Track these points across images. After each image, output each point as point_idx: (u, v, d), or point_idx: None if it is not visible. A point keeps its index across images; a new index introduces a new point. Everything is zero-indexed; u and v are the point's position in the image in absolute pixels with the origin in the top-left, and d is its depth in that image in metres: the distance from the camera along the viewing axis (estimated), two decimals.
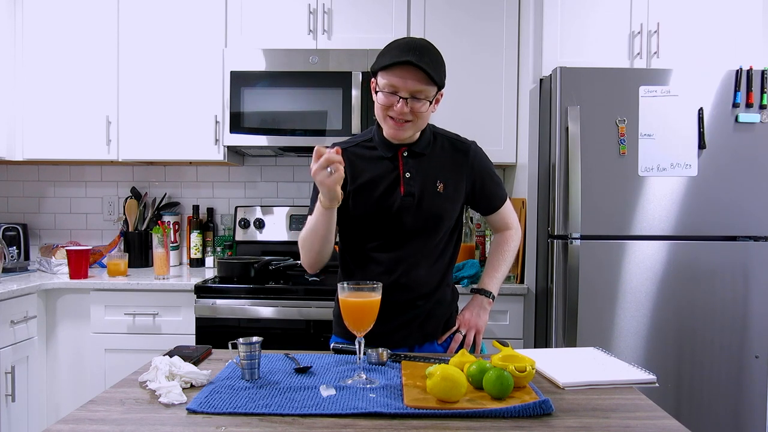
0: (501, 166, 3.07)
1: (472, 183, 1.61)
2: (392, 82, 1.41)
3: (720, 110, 2.33)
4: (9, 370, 2.31)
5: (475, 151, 1.63)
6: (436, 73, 1.41)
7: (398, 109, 1.43)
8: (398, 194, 1.53)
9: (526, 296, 2.50)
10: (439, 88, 1.47)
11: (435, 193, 1.54)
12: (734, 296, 2.33)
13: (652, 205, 2.33)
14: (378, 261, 1.55)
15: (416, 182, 1.54)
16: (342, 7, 2.76)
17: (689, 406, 2.34)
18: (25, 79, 2.83)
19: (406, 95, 1.41)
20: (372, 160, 1.55)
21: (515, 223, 1.73)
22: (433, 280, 1.58)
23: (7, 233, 2.90)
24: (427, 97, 1.43)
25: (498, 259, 1.69)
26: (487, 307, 1.67)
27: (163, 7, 2.80)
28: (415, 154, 1.56)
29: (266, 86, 2.70)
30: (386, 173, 1.54)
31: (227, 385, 1.22)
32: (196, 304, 2.45)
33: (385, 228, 1.54)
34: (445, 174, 1.57)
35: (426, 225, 1.54)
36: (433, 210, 1.54)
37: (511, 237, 1.71)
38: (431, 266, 1.57)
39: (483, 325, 1.65)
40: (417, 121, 1.46)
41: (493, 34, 2.76)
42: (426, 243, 1.56)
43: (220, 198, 3.20)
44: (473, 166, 1.61)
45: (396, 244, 1.55)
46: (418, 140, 1.56)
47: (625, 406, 1.15)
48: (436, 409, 1.09)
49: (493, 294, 1.67)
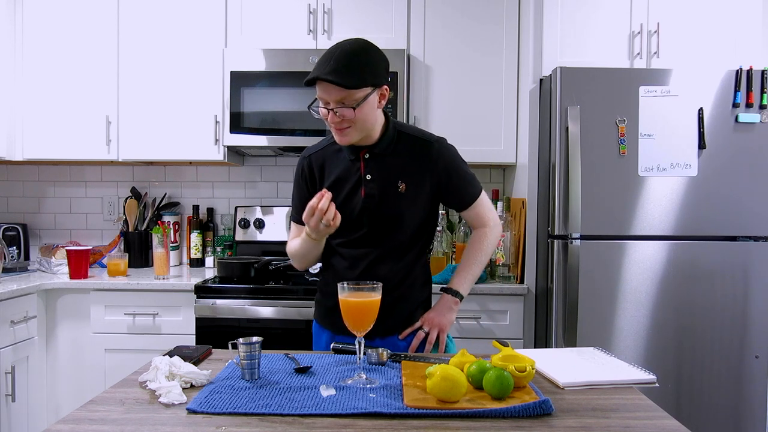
0: (501, 166, 3.08)
1: (437, 181, 1.61)
2: (320, 95, 1.47)
3: (720, 110, 2.33)
4: (9, 370, 2.31)
5: (438, 149, 1.62)
6: (349, 79, 1.42)
7: (330, 119, 1.48)
8: (359, 196, 1.58)
9: (526, 296, 2.50)
10: (375, 86, 1.48)
11: (396, 194, 1.57)
12: (734, 296, 2.33)
13: (652, 205, 2.33)
14: (343, 256, 1.64)
15: (377, 184, 1.58)
16: (342, 7, 2.76)
17: (689, 406, 2.34)
18: (25, 79, 2.83)
19: (332, 106, 1.46)
20: (339, 161, 1.61)
21: (492, 220, 1.71)
22: (396, 277, 1.61)
23: (7, 233, 2.90)
24: (353, 103, 1.45)
25: (470, 259, 1.69)
26: (453, 307, 1.67)
27: (163, 7, 2.80)
28: (376, 155, 1.59)
29: (266, 86, 2.70)
30: (350, 175, 1.60)
31: (227, 385, 1.22)
32: (196, 304, 2.45)
33: (348, 227, 1.59)
34: (407, 174, 1.59)
35: (387, 225, 1.59)
36: (394, 211, 1.58)
37: (485, 235, 1.69)
38: (395, 263, 1.61)
39: (448, 324, 1.66)
40: (356, 124, 1.48)
41: (493, 33, 2.76)
42: (388, 241, 1.61)
43: (220, 198, 3.20)
44: (437, 164, 1.61)
45: (359, 242, 1.61)
46: (379, 141, 1.58)
47: (625, 406, 1.15)
48: (436, 409, 1.09)
49: (461, 294, 1.67)
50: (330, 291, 1.65)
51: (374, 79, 1.48)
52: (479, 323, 2.48)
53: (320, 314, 1.74)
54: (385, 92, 1.53)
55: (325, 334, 1.73)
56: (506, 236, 2.58)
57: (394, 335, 1.65)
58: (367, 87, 1.46)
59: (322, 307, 1.74)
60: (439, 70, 2.77)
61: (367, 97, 1.47)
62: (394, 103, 2.66)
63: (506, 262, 2.58)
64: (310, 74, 1.45)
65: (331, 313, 1.68)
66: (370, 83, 1.47)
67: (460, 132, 2.76)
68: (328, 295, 1.69)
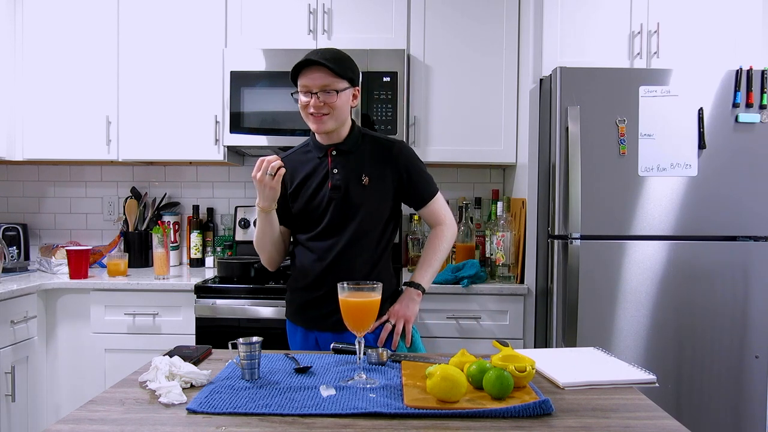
0: (501, 166, 3.08)
1: (398, 177, 1.74)
2: (304, 83, 1.63)
3: (720, 110, 2.33)
4: (9, 370, 2.31)
5: (399, 149, 1.76)
6: (339, 68, 1.61)
7: (313, 104, 1.62)
8: (326, 188, 1.70)
9: (526, 296, 2.50)
10: (351, 84, 1.66)
11: (360, 185, 1.70)
12: (734, 296, 2.33)
13: (652, 205, 2.33)
14: (311, 249, 1.73)
15: (342, 176, 1.70)
16: (342, 8, 2.76)
17: (689, 406, 2.34)
18: (25, 79, 2.83)
19: (316, 90, 1.61)
20: (307, 162, 1.75)
21: (448, 219, 1.83)
22: (364, 269, 1.70)
23: (7, 233, 2.90)
24: (336, 90, 1.62)
25: (430, 255, 1.80)
26: (416, 299, 1.76)
27: (163, 7, 2.80)
28: (343, 152, 1.73)
29: (266, 86, 2.70)
30: (318, 171, 1.73)
31: (227, 385, 1.22)
32: (196, 304, 2.45)
33: (317, 219, 1.71)
34: (371, 169, 1.72)
35: (353, 214, 1.70)
36: (359, 200, 1.69)
37: (443, 232, 1.81)
38: (362, 255, 1.71)
39: (412, 315, 1.74)
40: (333, 112, 1.64)
41: (493, 33, 2.76)
42: (354, 232, 1.70)
43: (220, 198, 3.20)
44: (398, 162, 1.74)
45: (326, 233, 1.71)
46: (345, 140, 1.73)
47: (625, 406, 1.15)
48: (436, 409, 1.09)
49: (423, 286, 1.78)
50: (299, 287, 1.77)
51: (353, 76, 1.67)
52: (479, 323, 2.48)
53: (291, 312, 1.81)
54: (357, 93, 1.71)
55: (298, 331, 1.78)
56: (506, 236, 2.58)
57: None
58: (347, 80, 1.64)
59: (293, 305, 1.80)
60: (439, 70, 2.77)
61: (346, 89, 1.65)
62: (394, 103, 2.66)
63: (506, 262, 2.58)
64: (302, 59, 1.60)
65: (302, 310, 1.76)
66: (350, 78, 1.65)
67: (460, 132, 2.77)
68: (296, 291, 1.78)
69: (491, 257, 2.66)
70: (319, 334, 1.72)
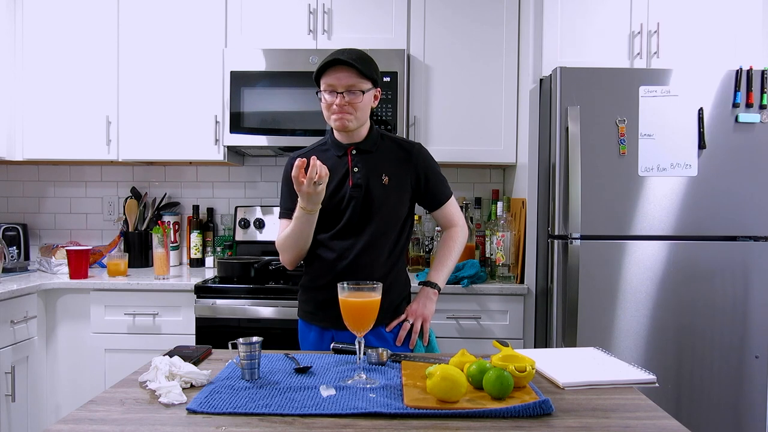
0: (501, 166, 3.08)
1: (416, 178, 1.77)
2: (329, 82, 1.64)
3: (720, 110, 2.33)
4: (9, 370, 2.31)
5: (419, 150, 1.79)
6: (365, 69, 1.63)
7: (338, 103, 1.63)
8: (347, 186, 1.71)
9: (526, 296, 2.50)
10: (374, 85, 1.68)
11: (380, 184, 1.71)
12: (734, 296, 2.33)
13: (652, 205, 2.33)
14: (331, 248, 1.73)
15: (363, 175, 1.71)
16: (342, 8, 2.76)
17: (689, 406, 2.34)
18: (25, 79, 2.83)
19: (342, 90, 1.62)
20: (326, 160, 1.70)
21: (461, 221, 1.87)
22: (382, 268, 1.72)
23: (7, 233, 2.90)
24: (362, 90, 1.64)
25: (445, 255, 1.83)
26: (432, 298, 1.79)
27: (163, 7, 2.80)
28: (363, 151, 1.74)
29: (266, 86, 2.70)
30: (337, 169, 1.72)
31: (227, 385, 1.22)
32: (196, 304, 2.45)
33: (337, 218, 1.71)
34: (390, 169, 1.74)
35: (373, 214, 1.70)
36: (379, 199, 1.71)
37: (457, 233, 1.85)
38: (380, 255, 1.72)
39: (429, 314, 1.78)
40: (356, 112, 1.66)
41: (493, 33, 2.76)
42: (374, 231, 1.71)
43: (220, 198, 3.20)
44: (417, 164, 1.77)
45: (346, 232, 1.71)
46: (365, 139, 1.75)
47: (625, 406, 1.15)
48: (436, 409, 1.09)
49: (439, 286, 1.81)
50: (318, 286, 1.75)
51: (376, 78, 1.68)
52: (479, 323, 2.48)
53: (307, 311, 1.80)
54: (378, 94, 1.73)
55: (313, 330, 1.77)
56: (506, 236, 2.58)
57: (381, 326, 1.73)
58: (371, 81, 1.66)
59: (310, 304, 1.78)
60: (439, 70, 2.77)
61: (369, 90, 1.67)
62: (394, 103, 2.66)
63: (506, 262, 2.58)
64: (328, 58, 1.62)
65: (320, 309, 1.73)
66: (374, 79, 1.67)
67: (461, 132, 2.77)
68: (314, 290, 1.77)
69: (491, 257, 2.66)
70: (337, 333, 1.70)
